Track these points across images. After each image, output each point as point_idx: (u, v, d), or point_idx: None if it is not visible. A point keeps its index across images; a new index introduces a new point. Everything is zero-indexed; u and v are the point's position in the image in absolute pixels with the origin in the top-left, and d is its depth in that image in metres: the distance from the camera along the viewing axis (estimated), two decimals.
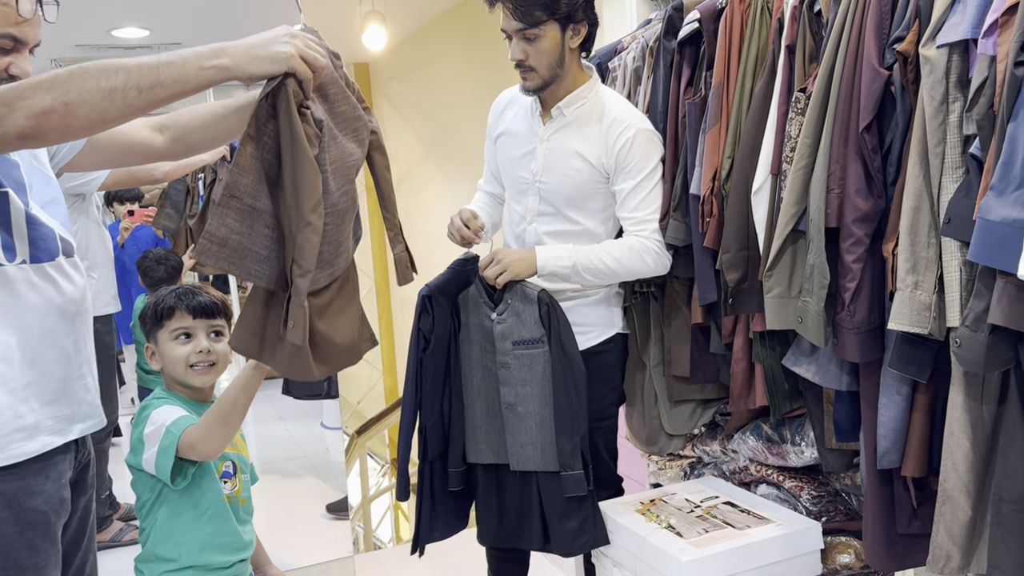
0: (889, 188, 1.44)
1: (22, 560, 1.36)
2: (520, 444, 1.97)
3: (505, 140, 2.10)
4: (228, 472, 1.68)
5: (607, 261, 1.94)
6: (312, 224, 1.27)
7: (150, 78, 1.20)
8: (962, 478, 1.33)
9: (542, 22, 1.84)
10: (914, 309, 1.33)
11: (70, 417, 1.44)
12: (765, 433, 2.00)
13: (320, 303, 1.38)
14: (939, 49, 1.28)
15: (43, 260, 1.40)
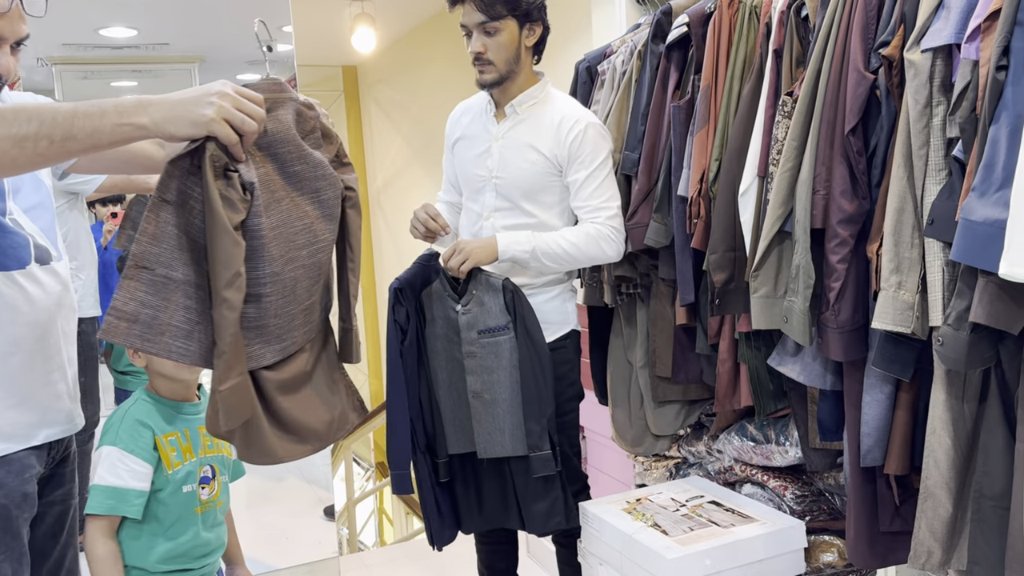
0: (874, 190, 1.46)
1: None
2: (488, 431, 2.01)
3: (462, 144, 2.18)
4: (207, 477, 1.66)
5: (565, 247, 2.01)
6: (228, 300, 1.18)
7: (63, 130, 1.16)
8: (943, 475, 1.36)
9: (502, 16, 1.95)
10: (897, 308, 1.35)
11: (35, 423, 1.43)
12: (750, 433, 2.02)
13: (282, 378, 1.30)
14: (923, 53, 1.31)
15: (12, 268, 1.37)
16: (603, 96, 2.29)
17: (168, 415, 1.62)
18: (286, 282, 1.27)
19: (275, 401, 1.29)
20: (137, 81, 4.04)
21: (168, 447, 1.59)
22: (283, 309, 1.28)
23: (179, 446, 1.61)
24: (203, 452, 1.65)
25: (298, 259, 1.28)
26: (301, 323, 1.32)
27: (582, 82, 2.44)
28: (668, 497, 2.06)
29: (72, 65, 3.77)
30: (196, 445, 1.64)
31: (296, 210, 1.28)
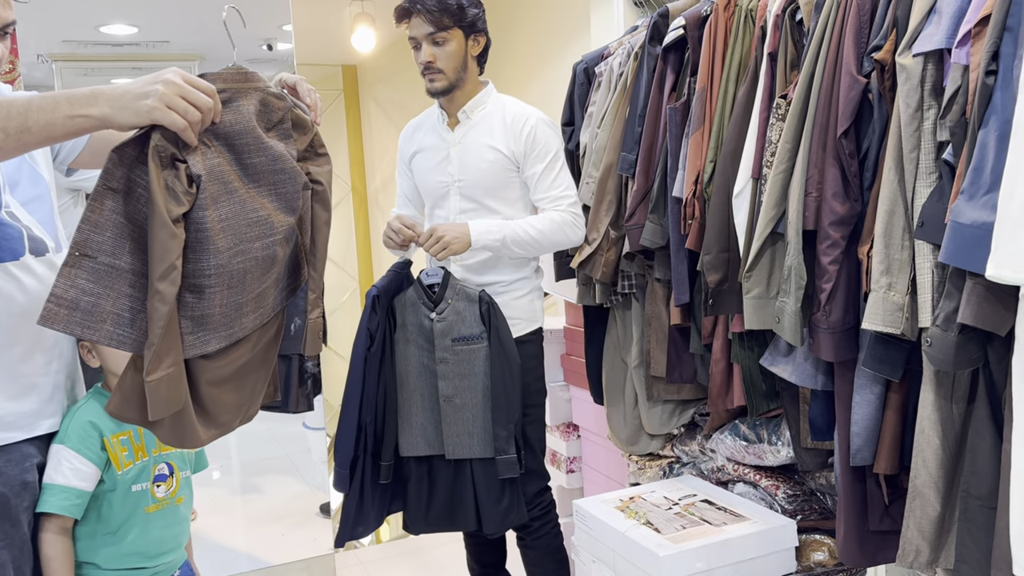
0: (866, 192, 1.48)
1: None
2: (456, 434, 2.08)
3: (420, 157, 2.25)
4: (163, 475, 1.65)
5: (532, 234, 2.09)
6: (160, 292, 1.17)
7: (18, 123, 1.17)
8: (932, 475, 1.37)
9: (449, 27, 2.06)
10: (887, 310, 1.37)
11: (36, 414, 1.45)
12: (743, 433, 2.03)
13: (219, 365, 1.29)
14: (915, 58, 1.33)
15: (6, 260, 1.39)
16: (599, 97, 2.30)
17: None
18: (233, 274, 1.25)
19: (201, 389, 1.28)
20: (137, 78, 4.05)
21: (119, 447, 1.57)
22: (229, 299, 1.26)
23: (131, 445, 1.59)
24: (158, 450, 1.63)
25: (249, 251, 1.27)
26: (251, 310, 1.30)
27: (579, 83, 2.46)
28: (661, 496, 2.08)
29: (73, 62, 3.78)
30: (150, 444, 1.62)
31: (251, 202, 1.27)
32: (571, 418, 2.90)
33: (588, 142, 2.34)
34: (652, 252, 2.07)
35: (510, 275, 2.18)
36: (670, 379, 2.13)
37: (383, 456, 2.12)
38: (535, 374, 2.21)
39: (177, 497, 1.67)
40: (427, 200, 2.26)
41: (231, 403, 1.34)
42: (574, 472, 2.89)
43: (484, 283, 2.15)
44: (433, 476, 2.14)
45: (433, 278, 2.12)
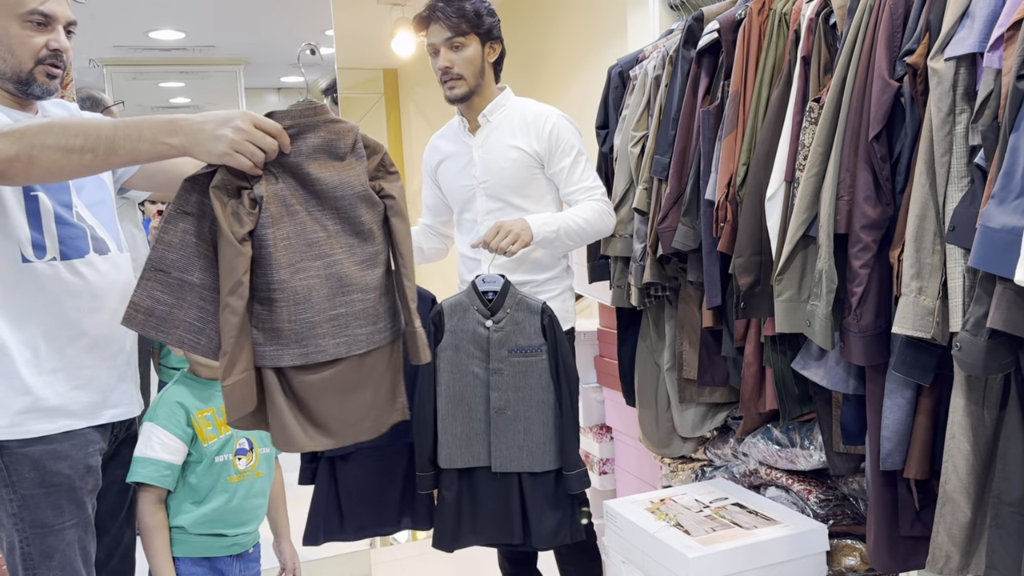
0: (898, 196, 1.47)
1: (48, 520, 1.48)
2: (506, 447, 2.03)
3: (445, 164, 2.29)
4: (243, 448, 1.79)
5: (581, 223, 2.10)
6: (230, 306, 1.31)
7: (107, 146, 1.31)
8: (962, 480, 1.36)
9: (467, 33, 2.10)
10: (918, 314, 1.36)
11: (99, 404, 1.55)
12: (775, 437, 2.03)
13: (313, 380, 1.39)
14: (947, 62, 1.32)
15: (72, 257, 1.51)
16: (633, 100, 2.32)
17: (204, 394, 1.76)
18: (297, 290, 1.36)
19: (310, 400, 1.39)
20: (184, 82, 4.15)
21: (203, 422, 1.73)
22: (297, 315, 1.36)
23: (214, 420, 1.75)
24: None
25: (310, 269, 1.37)
26: (328, 332, 1.38)
27: (614, 86, 2.47)
28: (692, 498, 2.08)
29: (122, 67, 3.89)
30: None
31: (311, 224, 1.38)
32: (604, 420, 2.91)
33: (622, 145, 2.35)
34: (685, 255, 2.08)
35: (541, 275, 2.19)
36: (702, 382, 2.13)
37: (419, 466, 2.07)
38: None
39: (256, 471, 1.80)
40: (455, 206, 2.29)
41: (340, 416, 1.43)
42: (607, 474, 2.90)
43: (516, 283, 2.16)
44: (474, 489, 2.08)
45: (490, 285, 2.06)
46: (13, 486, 1.46)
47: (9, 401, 1.45)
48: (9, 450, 1.46)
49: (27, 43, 1.48)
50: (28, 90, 1.51)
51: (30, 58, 1.48)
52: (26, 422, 1.46)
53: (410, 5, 4.94)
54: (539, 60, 4.24)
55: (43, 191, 1.49)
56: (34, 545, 1.47)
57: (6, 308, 1.46)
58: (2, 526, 1.49)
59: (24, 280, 1.46)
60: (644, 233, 2.23)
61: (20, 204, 1.46)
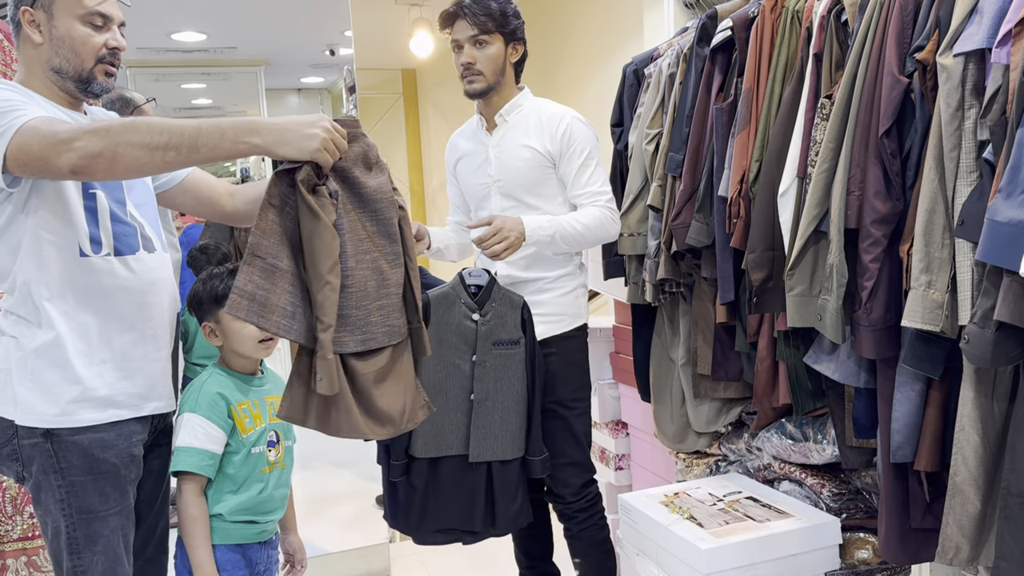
0: (908, 191, 1.49)
1: (94, 506, 1.54)
2: (483, 436, 2.09)
3: (463, 163, 2.33)
4: (272, 441, 1.82)
5: (579, 228, 2.13)
6: (330, 283, 1.41)
7: (189, 143, 1.37)
8: (972, 472, 1.38)
9: (491, 31, 2.13)
10: (927, 307, 1.38)
11: (144, 395, 1.61)
12: (788, 431, 2.04)
13: (370, 369, 1.49)
14: (956, 58, 1.34)
15: (125, 253, 1.58)
16: (648, 98, 2.34)
17: (240, 386, 1.79)
18: (358, 278, 1.47)
19: (365, 388, 1.49)
20: (206, 83, 4.21)
21: (242, 414, 1.77)
22: (360, 302, 1.47)
23: (250, 413, 1.79)
24: (269, 419, 1.82)
25: (364, 261, 1.49)
26: (378, 321, 1.50)
27: (629, 84, 2.49)
28: (706, 492, 2.10)
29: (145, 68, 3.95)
30: (263, 412, 1.81)
31: (358, 222, 1.49)
32: (620, 416, 2.93)
33: (637, 143, 2.37)
34: (699, 251, 2.10)
35: (553, 271, 2.21)
36: (716, 377, 2.15)
37: (394, 454, 2.11)
38: (581, 368, 2.25)
39: (282, 462, 1.85)
40: (471, 203, 2.34)
41: (389, 406, 1.52)
42: (623, 469, 2.92)
43: (529, 279, 2.19)
44: (443, 478, 2.13)
45: (476, 279, 2.11)
46: (62, 472, 1.52)
47: (61, 390, 1.51)
48: (59, 438, 1.51)
49: (89, 43, 1.54)
50: (88, 88, 1.57)
51: (92, 57, 1.55)
52: (76, 411, 1.52)
53: (428, 5, 4.98)
54: (557, 59, 4.26)
55: (101, 189, 1.55)
56: (80, 530, 1.53)
57: (63, 299, 1.52)
58: (48, 512, 1.54)
59: (81, 273, 1.52)
60: (658, 230, 2.26)
61: (80, 200, 1.52)
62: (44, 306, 1.51)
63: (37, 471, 1.53)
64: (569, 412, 2.18)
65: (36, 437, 1.51)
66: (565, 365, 2.19)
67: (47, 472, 1.52)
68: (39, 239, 1.49)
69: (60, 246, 1.51)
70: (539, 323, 2.17)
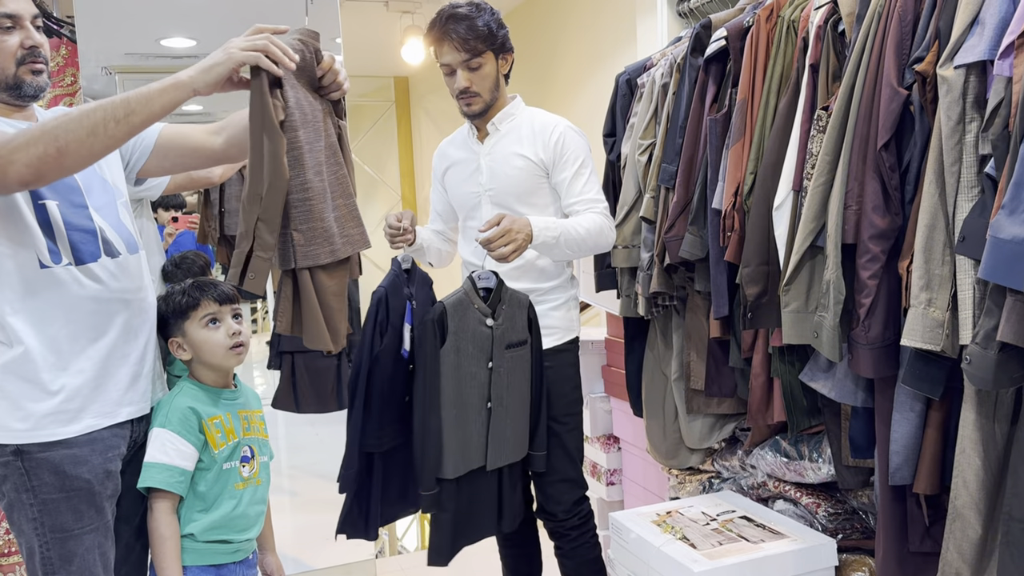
0: (907, 206, 1.45)
1: (67, 524, 1.49)
2: (499, 443, 2.02)
3: (452, 171, 2.27)
4: (246, 456, 1.77)
5: (582, 233, 2.06)
6: (274, 185, 1.40)
7: (123, 109, 1.36)
8: (973, 496, 1.34)
9: (482, 52, 2.07)
10: (927, 326, 1.34)
11: (117, 402, 1.57)
12: (783, 449, 2.00)
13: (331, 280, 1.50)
14: (956, 70, 1.30)
15: (87, 261, 1.53)
16: (641, 108, 2.30)
17: (212, 400, 1.74)
18: (319, 192, 1.47)
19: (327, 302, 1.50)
20: None
21: (214, 429, 1.71)
22: (325, 215, 1.47)
23: (223, 427, 1.73)
24: (243, 434, 1.76)
25: (323, 174, 1.49)
26: (339, 232, 1.50)
27: (622, 94, 2.46)
28: (699, 511, 2.06)
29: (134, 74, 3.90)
30: (237, 427, 1.76)
31: (319, 132, 1.49)
32: (611, 430, 2.89)
33: (631, 154, 2.33)
34: (693, 264, 2.06)
35: (545, 283, 2.17)
36: (709, 392, 2.11)
37: (424, 485, 1.93)
38: (572, 383, 2.21)
39: (257, 478, 1.79)
40: (460, 212, 2.28)
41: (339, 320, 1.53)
42: (614, 484, 2.87)
43: (525, 289, 2.14)
44: (470, 494, 2.02)
45: (486, 282, 2.02)
46: (34, 491, 1.48)
47: (33, 405, 1.47)
48: (30, 456, 1.47)
49: (2, 48, 1.49)
50: (20, 92, 1.52)
51: (10, 61, 1.50)
52: (49, 425, 1.48)
53: (420, 13, 4.95)
54: (549, 68, 4.23)
55: (53, 198, 1.51)
56: (54, 550, 1.49)
57: (29, 312, 1.48)
58: (22, 532, 1.50)
59: (43, 285, 1.48)
60: (651, 242, 2.22)
61: (31, 212, 1.48)
62: (9, 321, 1.47)
63: (9, 490, 1.49)
64: (562, 427, 2.14)
65: (6, 455, 1.47)
66: (558, 379, 2.15)
67: (19, 491, 1.48)
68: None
69: (18, 259, 1.47)
70: None
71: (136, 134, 1.41)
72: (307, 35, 1.48)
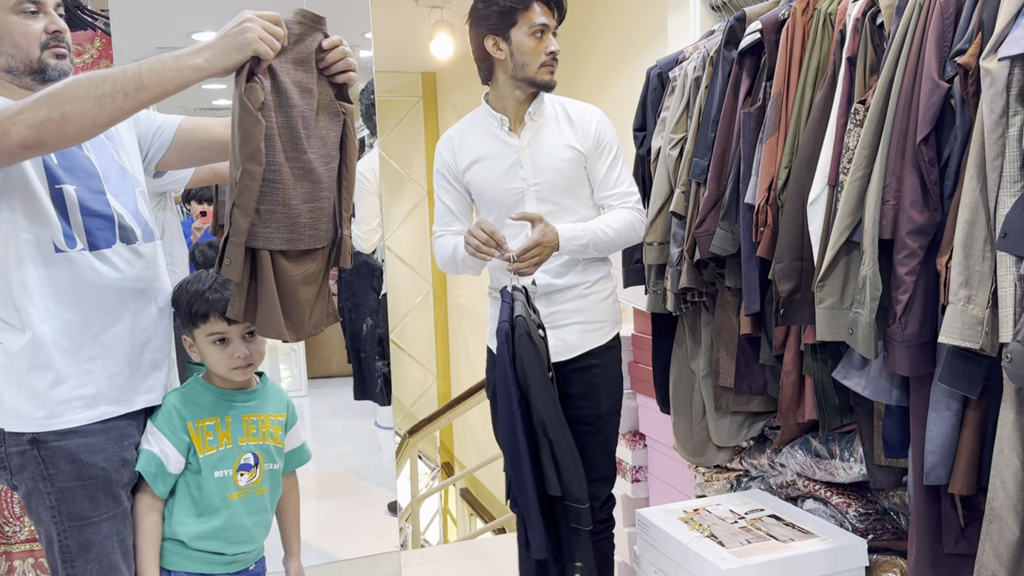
0: (946, 201, 1.42)
1: (85, 512, 1.49)
2: None
3: (481, 166, 2.13)
4: (247, 464, 1.68)
5: (611, 234, 2.05)
6: (248, 171, 1.39)
7: (134, 83, 1.34)
8: (1011, 497, 1.31)
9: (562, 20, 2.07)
10: (966, 323, 1.31)
11: (134, 389, 1.57)
12: (814, 448, 1.98)
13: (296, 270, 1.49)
14: (1000, 62, 1.27)
15: (101, 247, 1.53)
16: (673, 103, 2.28)
17: (211, 402, 1.66)
18: (290, 177, 1.46)
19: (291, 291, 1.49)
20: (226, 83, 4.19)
21: (204, 432, 1.63)
22: (289, 200, 1.46)
23: (216, 432, 1.64)
24: (245, 440, 1.67)
25: (298, 161, 1.47)
26: (308, 224, 1.50)
27: (653, 88, 2.44)
28: (727, 509, 2.04)
29: None
30: (237, 432, 1.67)
31: (298, 122, 1.47)
32: (638, 427, 2.87)
33: (663, 149, 2.31)
34: (723, 260, 2.04)
35: (591, 275, 2.13)
36: (739, 390, 2.09)
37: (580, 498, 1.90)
38: (619, 381, 2.18)
39: (259, 488, 1.69)
40: (493, 209, 2.14)
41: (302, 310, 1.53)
42: (640, 481, 2.86)
43: (566, 286, 2.10)
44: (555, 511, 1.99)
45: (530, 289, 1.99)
46: (50, 479, 1.48)
47: (48, 392, 1.47)
48: (46, 444, 1.47)
49: (28, 32, 1.50)
50: (44, 76, 1.52)
51: (35, 46, 1.51)
52: (65, 412, 1.48)
53: (449, 8, 4.94)
54: (578, 61, 4.21)
55: (71, 182, 1.50)
56: (72, 538, 1.49)
57: (43, 297, 1.47)
58: (40, 520, 1.51)
59: (59, 269, 1.48)
60: (681, 237, 2.20)
61: (47, 196, 1.47)
62: (24, 306, 1.46)
63: (27, 479, 1.49)
64: (606, 426, 2.12)
65: (23, 444, 1.47)
66: (607, 378, 2.12)
67: (36, 480, 1.48)
68: (13, 238, 1.45)
69: (34, 243, 1.46)
70: (581, 333, 2.09)
71: (143, 108, 1.39)
72: (308, 17, 1.47)
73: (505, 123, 2.12)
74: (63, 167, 1.50)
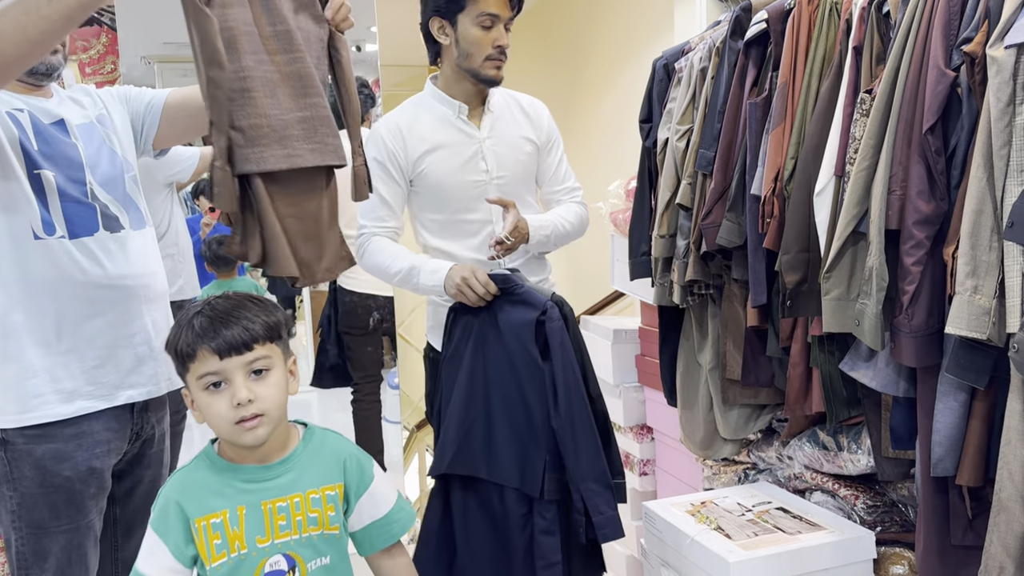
0: (953, 191, 1.41)
1: (44, 521, 1.45)
2: None
3: (437, 155, 1.99)
4: (279, 571, 1.30)
5: (568, 228, 2.05)
6: (212, 78, 1.23)
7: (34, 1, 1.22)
8: (1018, 488, 1.30)
9: (519, 13, 1.96)
10: (973, 314, 1.30)
11: (115, 384, 1.51)
12: (821, 440, 1.97)
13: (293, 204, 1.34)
14: (1007, 50, 1.26)
15: (81, 235, 1.47)
16: (679, 94, 2.27)
17: (220, 487, 1.29)
18: (265, 82, 1.30)
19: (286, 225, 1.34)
20: None
21: (209, 533, 1.26)
22: (272, 111, 1.30)
23: (224, 532, 1.26)
24: (267, 538, 1.29)
25: (271, 63, 1.31)
26: (301, 136, 1.33)
27: (658, 79, 2.42)
28: (734, 501, 2.03)
29: (172, 63, 3.95)
30: (254, 529, 1.28)
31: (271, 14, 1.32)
32: (645, 420, 2.87)
33: (669, 138, 2.30)
34: (730, 252, 2.03)
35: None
36: (746, 383, 2.08)
37: None
38: None
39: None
40: (448, 204, 2.01)
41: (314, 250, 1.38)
42: (647, 475, 2.85)
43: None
44: None
45: None
46: (14, 483, 1.44)
47: (21, 386, 1.42)
48: (14, 447, 1.43)
49: None
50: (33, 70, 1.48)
51: None
52: (39, 407, 1.43)
53: None
54: (583, 53, 4.20)
55: (50, 168, 1.45)
56: (28, 545, 1.45)
57: (20, 284, 1.43)
58: (1, 522, 1.47)
59: (36, 257, 1.43)
60: (687, 229, 2.19)
61: (26, 181, 1.43)
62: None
63: None
64: None
65: None
66: None
67: (0, 481, 1.44)
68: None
69: (11, 230, 1.41)
70: None
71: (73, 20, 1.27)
72: None
73: (464, 110, 2.01)
74: (44, 153, 1.45)
